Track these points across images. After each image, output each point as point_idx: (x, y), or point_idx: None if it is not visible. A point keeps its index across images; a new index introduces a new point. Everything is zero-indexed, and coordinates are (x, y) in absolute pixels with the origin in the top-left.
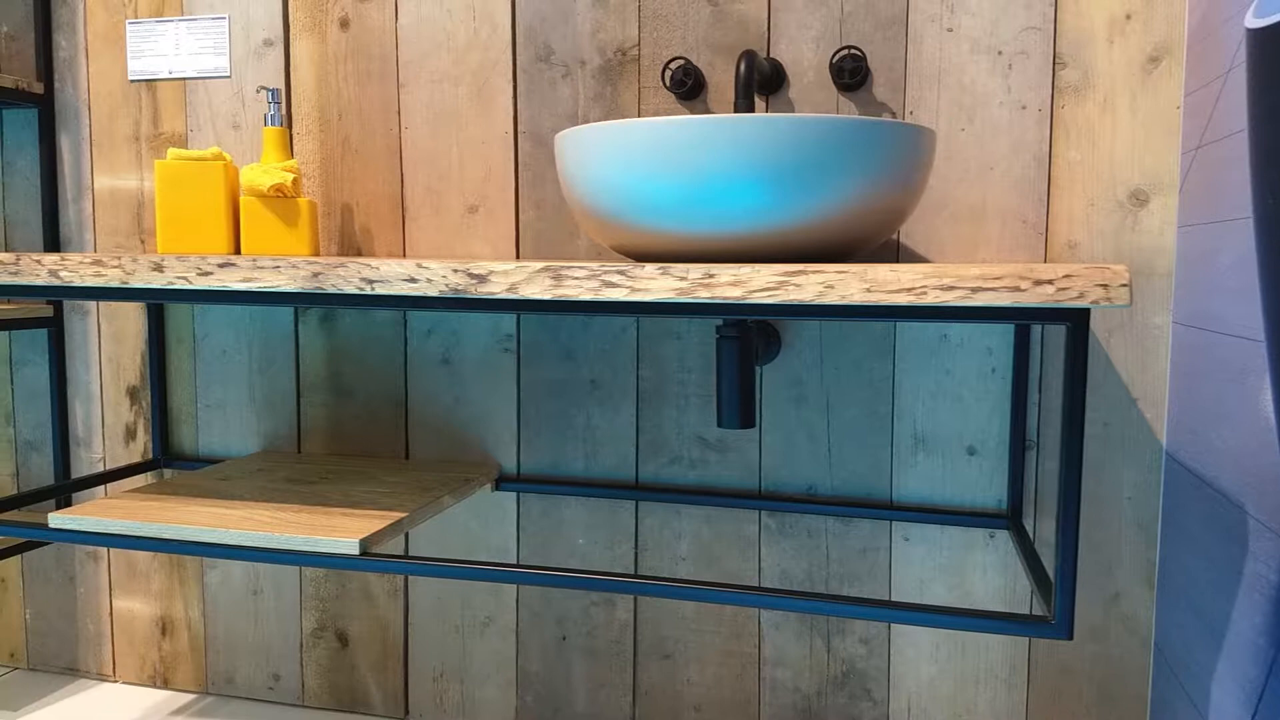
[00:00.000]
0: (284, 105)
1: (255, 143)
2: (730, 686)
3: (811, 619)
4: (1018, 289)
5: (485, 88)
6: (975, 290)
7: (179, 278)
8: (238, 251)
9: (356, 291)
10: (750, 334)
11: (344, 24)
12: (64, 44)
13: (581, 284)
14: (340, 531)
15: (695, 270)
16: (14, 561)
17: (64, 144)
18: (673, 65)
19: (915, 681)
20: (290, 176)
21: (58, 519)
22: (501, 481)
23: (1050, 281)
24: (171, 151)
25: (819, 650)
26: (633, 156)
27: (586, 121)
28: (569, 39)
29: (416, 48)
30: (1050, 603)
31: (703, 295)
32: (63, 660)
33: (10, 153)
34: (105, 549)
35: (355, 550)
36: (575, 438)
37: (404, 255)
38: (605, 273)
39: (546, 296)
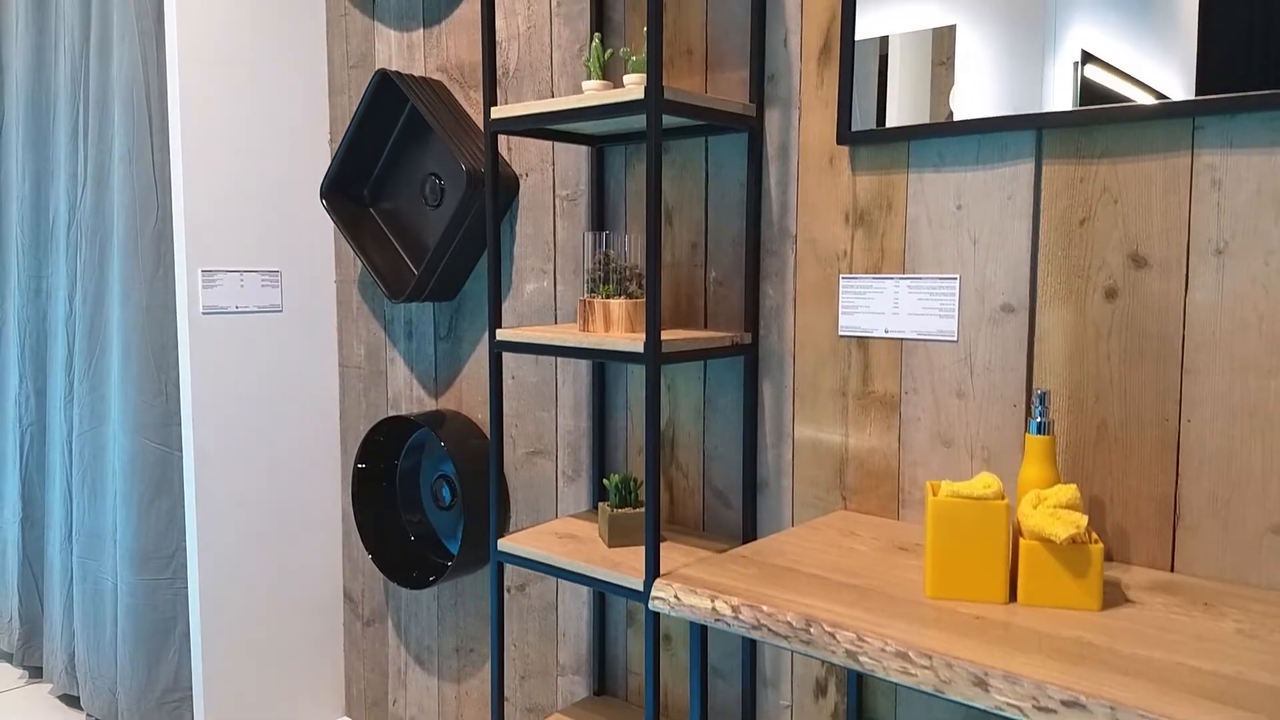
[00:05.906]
0: (1048, 406)
1: (982, 414)
2: None
3: None
4: None
5: None
6: None
7: (1009, 704)
8: (1014, 596)
9: None
10: None
11: (1110, 294)
12: (771, 293)
13: None
14: None
15: None
16: None
17: (765, 389)
18: None
19: None
20: (1084, 521)
21: None
22: None
23: None
24: (945, 486)
25: None
26: None
27: None
28: None
29: (1212, 327)
30: None
31: None
32: None
33: (712, 390)
34: None
35: None
36: None
37: (1171, 569)
38: None
39: None
